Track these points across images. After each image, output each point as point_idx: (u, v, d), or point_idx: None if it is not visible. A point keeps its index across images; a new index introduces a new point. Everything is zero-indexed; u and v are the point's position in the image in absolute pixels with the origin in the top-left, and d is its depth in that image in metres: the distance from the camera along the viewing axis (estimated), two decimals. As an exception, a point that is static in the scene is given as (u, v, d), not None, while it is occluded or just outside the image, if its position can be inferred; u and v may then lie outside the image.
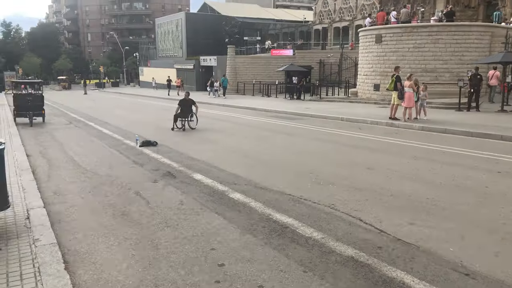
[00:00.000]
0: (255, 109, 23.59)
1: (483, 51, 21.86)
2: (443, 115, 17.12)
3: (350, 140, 12.53)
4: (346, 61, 35.37)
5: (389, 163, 9.06)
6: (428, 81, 20.64)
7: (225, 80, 35.70)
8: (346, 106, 22.62)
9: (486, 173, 8.08)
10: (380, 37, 23.31)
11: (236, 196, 6.79)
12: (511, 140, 11.63)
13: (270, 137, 13.25)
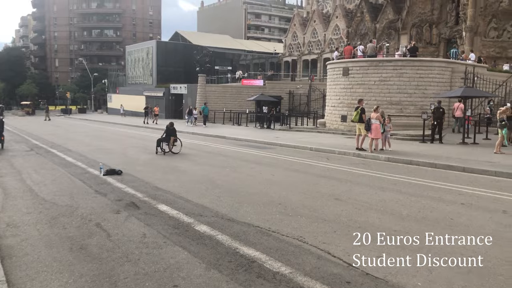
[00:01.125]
0: (225, 138, 23.50)
1: (444, 85, 22.79)
2: (408, 146, 17.53)
3: (319, 170, 12.57)
4: (315, 92, 36.15)
5: (357, 194, 9.08)
6: (393, 113, 21.25)
7: (205, 109, 34.37)
8: (314, 136, 22.87)
9: (450, 205, 8.20)
10: (347, 70, 23.96)
11: (202, 229, 6.58)
12: (473, 172, 11.96)
13: (240, 167, 13.12)
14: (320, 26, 56.24)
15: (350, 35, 49.44)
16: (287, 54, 61.35)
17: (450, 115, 22.68)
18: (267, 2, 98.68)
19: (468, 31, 34.81)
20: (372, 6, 48.89)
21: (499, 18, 34.73)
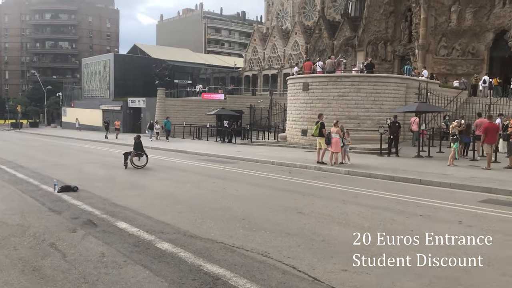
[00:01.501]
0: (186, 152, 23.18)
1: (400, 100, 23.65)
2: (366, 160, 17.96)
3: (281, 184, 12.59)
4: (275, 106, 36.52)
5: (320, 207, 9.14)
6: (352, 128, 21.75)
7: (168, 123, 33.44)
8: (276, 150, 23.01)
9: (410, 217, 8.41)
10: (307, 85, 24.39)
11: (164, 246, 6.37)
12: (429, 184, 12.37)
13: (201, 182, 12.93)
14: (279, 42, 57.21)
15: (309, 51, 50.57)
16: (247, 69, 61.85)
17: (406, 129, 23.52)
18: (227, 17, 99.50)
19: (420, 49, 36.48)
20: (329, 23, 50.33)
21: (448, 37, 36.67)
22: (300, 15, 65.31)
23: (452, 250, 6.28)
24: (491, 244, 6.57)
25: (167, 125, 33.27)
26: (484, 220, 8.18)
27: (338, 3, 61.63)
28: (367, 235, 7.05)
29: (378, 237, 6.96)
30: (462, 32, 36.23)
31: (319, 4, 62.02)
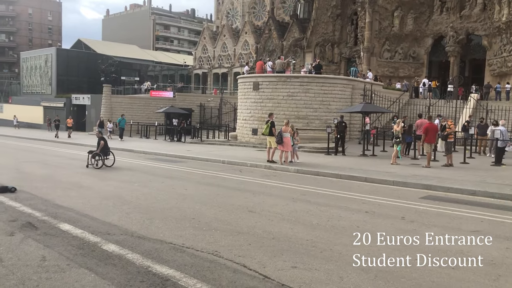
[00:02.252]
0: (133, 151, 22.56)
1: (346, 101, 24.39)
2: (314, 158, 18.35)
3: (232, 183, 12.58)
4: (226, 105, 36.44)
5: (270, 205, 9.21)
6: (301, 127, 22.15)
7: (122, 121, 31.64)
8: (226, 149, 22.95)
9: (356, 213, 8.68)
10: (258, 85, 24.54)
11: (111, 248, 6.15)
12: (374, 182, 12.85)
13: (150, 181, 12.63)
14: (230, 41, 57.17)
15: (259, 51, 50.93)
16: (197, 67, 61.27)
17: (353, 129, 24.32)
18: (176, 14, 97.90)
19: (365, 52, 37.84)
20: (279, 24, 50.98)
21: (391, 41, 38.33)
22: (250, 14, 65.61)
23: (396, 245, 6.55)
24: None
25: (122, 123, 31.61)
26: (425, 215, 8.61)
27: (287, 4, 62.54)
28: (315, 232, 7.21)
29: (326, 233, 7.13)
30: (404, 37, 38.02)
31: (269, 4, 62.64)
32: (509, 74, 32.40)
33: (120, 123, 31.65)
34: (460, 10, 35.68)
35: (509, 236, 7.14)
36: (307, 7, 46.99)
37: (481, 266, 5.67)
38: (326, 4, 42.13)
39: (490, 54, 34.27)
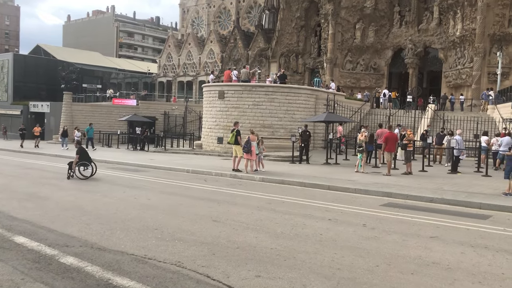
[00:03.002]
0: (94, 160, 21.93)
1: (310, 110, 24.80)
2: (279, 167, 18.49)
3: (197, 192, 12.46)
4: (191, 114, 36.21)
5: (235, 215, 9.19)
6: (266, 136, 22.30)
7: (91, 130, 30.24)
8: (191, 158, 22.74)
9: (319, 221, 8.79)
10: (223, 94, 24.55)
11: (69, 260, 5.94)
12: (336, 190, 13.08)
13: (111, 191, 12.32)
14: (195, 49, 57.02)
15: (224, 60, 51.04)
16: (161, 75, 60.66)
17: (317, 138, 24.72)
18: (140, 22, 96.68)
19: (328, 63, 38.70)
20: (244, 34, 51.37)
21: (353, 53, 39.42)
22: (215, 24, 65.78)
23: (358, 251, 6.68)
24: (391, 244, 7.13)
25: (90, 133, 30.15)
26: (385, 222, 8.84)
27: (252, 14, 63.21)
28: (279, 240, 7.24)
29: (290, 241, 7.18)
30: (366, 49, 39.20)
31: (234, 14, 63.11)
32: (463, 86, 33.99)
33: (88, 133, 30.15)
34: (418, 24, 37.20)
35: (464, 241, 7.44)
36: (272, 18, 47.61)
37: (438, 271, 5.87)
38: (290, 15, 42.86)
39: (446, 67, 35.86)
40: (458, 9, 33.74)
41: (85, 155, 15.20)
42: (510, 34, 31.75)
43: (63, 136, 30.42)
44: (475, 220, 9.20)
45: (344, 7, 38.25)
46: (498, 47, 30.90)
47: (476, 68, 32.21)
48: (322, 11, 39.22)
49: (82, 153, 15.10)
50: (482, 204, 10.70)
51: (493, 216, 9.73)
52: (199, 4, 69.42)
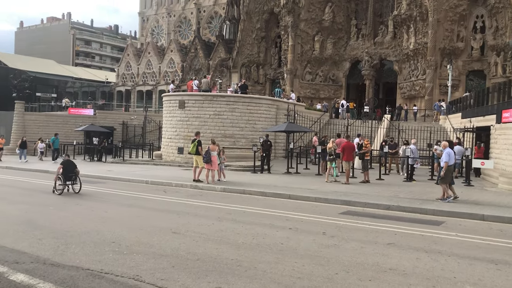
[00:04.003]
0: (48, 172, 21.10)
1: (271, 120, 25.02)
2: (241, 177, 18.48)
3: (156, 203, 12.22)
4: (150, 123, 35.61)
5: (195, 226, 9.07)
6: (227, 146, 22.27)
7: (56, 141, 28.60)
8: (150, 169, 22.32)
9: (280, 230, 8.84)
10: (184, 103, 24.34)
11: (19, 278, 5.64)
12: (297, 199, 13.21)
13: (66, 204, 11.86)
14: (155, 58, 56.35)
15: (185, 69, 50.71)
16: (120, 84, 59.44)
17: (278, 148, 24.95)
18: (98, 30, 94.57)
19: (289, 74, 39.30)
20: (205, 43, 51.34)
21: (312, 64, 40.26)
22: (175, 33, 65.43)
23: (318, 260, 6.76)
24: (350, 252, 7.26)
25: (55, 144, 28.50)
26: (344, 230, 9.00)
27: (213, 24, 63.37)
28: (240, 251, 7.21)
29: (251, 252, 7.16)
30: (324, 60, 40.15)
31: (195, 24, 63.03)
32: (417, 97, 35.43)
33: (54, 143, 28.50)
34: (374, 37, 38.55)
35: (419, 247, 7.69)
36: (233, 28, 47.89)
37: (395, 277, 6.03)
38: (251, 26, 43.28)
39: (401, 78, 37.29)
40: (411, 24, 35.27)
41: (70, 168, 14.04)
42: (458, 48, 33.52)
43: (21, 148, 28.32)
44: (429, 226, 9.55)
45: (303, 20, 39.09)
46: (448, 60, 32.49)
47: (428, 80, 33.70)
48: (282, 23, 39.88)
49: (67, 166, 14.04)
50: (435, 210, 11.13)
51: (446, 222, 10.14)
52: (159, 14, 68.87)
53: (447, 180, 12.54)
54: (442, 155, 12.76)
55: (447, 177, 12.50)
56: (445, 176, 12.46)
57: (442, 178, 12.60)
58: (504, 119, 17.05)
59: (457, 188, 13.56)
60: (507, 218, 10.28)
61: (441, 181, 12.72)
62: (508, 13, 31.05)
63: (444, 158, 12.49)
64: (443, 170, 12.42)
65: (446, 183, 12.57)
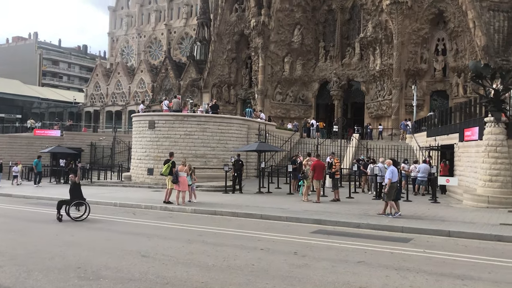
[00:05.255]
0: (11, 196, 20.33)
1: (242, 140, 25.07)
2: (212, 197, 18.32)
3: (124, 226, 11.92)
4: (120, 144, 34.99)
5: (165, 249, 8.89)
6: (198, 166, 22.09)
7: (39, 163, 27.04)
8: (119, 191, 21.83)
9: (252, 251, 8.77)
10: (154, 123, 24.10)
11: (-24, 309, 5.35)
12: (269, 219, 13.18)
13: (29, 229, 11.40)
14: (124, 79, 55.80)
15: (155, 90, 50.42)
16: (89, 104, 58.39)
17: (249, 167, 24.96)
18: (66, 50, 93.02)
19: (259, 94, 39.71)
20: (176, 64, 51.34)
21: (282, 85, 40.88)
22: (146, 53, 65.18)
23: (289, 280, 6.73)
24: (321, 271, 7.27)
25: (38, 166, 26.88)
26: (316, 249, 9.02)
27: (184, 45, 63.56)
28: (211, 273, 7.10)
29: (222, 274, 7.06)
30: (294, 81, 40.85)
31: (165, 45, 63.06)
32: (384, 116, 36.38)
33: (37, 166, 26.82)
34: (342, 59, 39.59)
35: (388, 264, 7.79)
36: (204, 49, 48.17)
37: (365, 294, 6.07)
38: (222, 47, 43.66)
39: (368, 99, 38.28)
40: (377, 46, 36.47)
41: (78, 193, 13.09)
42: (422, 70, 34.83)
43: None
44: (398, 244, 9.70)
45: (273, 41, 39.79)
46: (413, 81, 33.66)
47: (394, 100, 34.72)
48: (252, 44, 40.45)
49: (74, 190, 13.14)
50: (404, 227, 11.34)
51: (414, 238, 10.33)
52: (129, 34, 68.56)
53: (391, 196, 13.07)
54: (386, 172, 13.40)
55: (391, 193, 13.05)
56: (389, 193, 13.01)
57: (386, 194, 13.12)
58: (466, 137, 17.72)
59: (424, 205, 13.93)
60: (471, 234, 10.58)
61: (386, 198, 13.20)
62: (466, 36, 32.59)
63: (388, 175, 13.10)
64: (387, 187, 13.00)
65: (391, 199, 13.08)
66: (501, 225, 11.55)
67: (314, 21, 41.14)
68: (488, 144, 15.18)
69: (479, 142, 15.99)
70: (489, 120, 15.36)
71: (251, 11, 39.86)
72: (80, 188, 13.29)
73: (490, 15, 32.63)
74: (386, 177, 13.12)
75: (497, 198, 14.85)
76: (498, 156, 14.99)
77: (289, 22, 40.17)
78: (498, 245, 9.72)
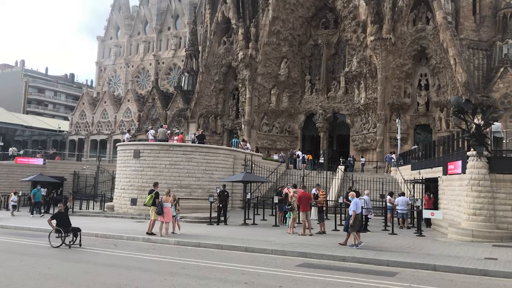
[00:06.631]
0: None
1: (228, 170, 24.94)
2: (196, 229, 18.00)
3: (105, 258, 11.57)
4: (103, 174, 34.49)
5: (146, 282, 8.62)
6: (183, 196, 21.84)
7: (38, 193, 25.95)
8: (101, 221, 21.33)
9: (235, 285, 8.56)
10: (139, 153, 23.89)
11: None
12: (253, 251, 12.95)
13: (6, 260, 10.98)
14: (111, 107, 55.63)
15: (142, 119, 50.32)
16: (73, 133, 57.81)
17: (235, 198, 24.73)
18: (53, 78, 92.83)
19: (246, 125, 39.90)
20: (163, 94, 51.55)
21: (269, 116, 41.22)
22: (133, 83, 65.44)
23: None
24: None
25: (37, 196, 25.98)
26: (301, 283, 8.85)
27: (171, 76, 64.09)
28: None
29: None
30: (280, 113, 41.26)
31: (153, 75, 63.48)
32: (369, 149, 36.77)
33: (36, 196, 25.99)
34: (327, 92, 40.26)
35: (375, 299, 7.65)
36: (191, 80, 48.54)
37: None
38: (209, 78, 44.09)
39: (353, 131, 38.75)
40: (361, 80, 37.27)
41: (64, 220, 13.46)
42: (406, 104, 35.57)
43: None
44: (384, 278, 9.59)
45: (260, 74, 40.38)
46: (397, 115, 34.29)
47: (379, 133, 35.21)
48: (240, 76, 40.97)
49: (60, 218, 13.44)
50: (389, 261, 11.24)
51: (400, 272, 10.23)
52: (117, 64, 68.95)
53: (355, 227, 13.46)
54: (350, 205, 13.80)
55: (355, 225, 13.44)
56: (354, 224, 13.38)
57: (351, 226, 13.40)
58: (449, 171, 17.92)
59: (409, 238, 13.88)
60: (456, 268, 10.52)
61: (351, 229, 13.47)
62: (448, 72, 33.57)
63: (352, 207, 13.51)
64: (351, 219, 13.33)
65: (355, 231, 13.44)
66: (486, 260, 11.55)
67: (301, 55, 42.01)
68: (471, 178, 15.35)
69: (462, 175, 16.17)
70: (471, 154, 15.61)
71: (239, 44, 40.57)
72: (67, 215, 13.73)
73: (470, 53, 33.86)
74: (351, 209, 13.50)
75: (481, 232, 14.89)
76: (481, 190, 15.13)
77: (276, 55, 40.92)
78: (484, 280, 9.68)
